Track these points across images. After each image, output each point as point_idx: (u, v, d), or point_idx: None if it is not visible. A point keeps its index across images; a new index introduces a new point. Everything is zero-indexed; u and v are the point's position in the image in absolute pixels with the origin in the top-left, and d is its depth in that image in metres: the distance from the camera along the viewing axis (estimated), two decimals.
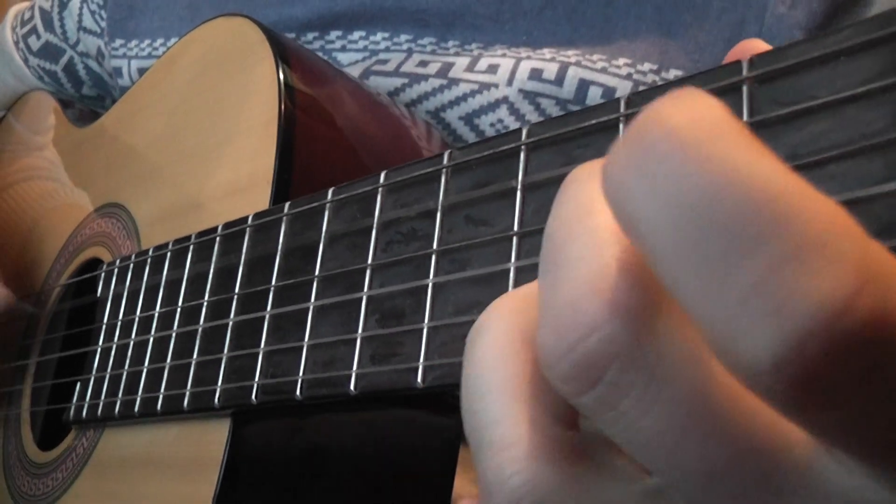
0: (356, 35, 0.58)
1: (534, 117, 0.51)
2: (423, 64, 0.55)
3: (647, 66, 0.50)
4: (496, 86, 0.52)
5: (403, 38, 0.57)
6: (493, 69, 0.52)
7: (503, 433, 0.19)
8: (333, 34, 0.59)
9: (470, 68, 0.53)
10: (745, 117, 0.23)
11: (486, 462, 0.19)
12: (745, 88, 0.23)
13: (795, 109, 0.22)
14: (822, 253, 0.14)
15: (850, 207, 0.20)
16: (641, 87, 0.49)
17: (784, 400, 0.15)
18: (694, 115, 0.15)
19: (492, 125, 0.52)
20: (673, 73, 0.50)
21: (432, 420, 0.45)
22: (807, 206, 0.14)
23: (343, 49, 0.59)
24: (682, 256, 0.15)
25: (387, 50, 0.57)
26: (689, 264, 0.15)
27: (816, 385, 0.15)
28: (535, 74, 0.51)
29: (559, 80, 0.50)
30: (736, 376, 0.16)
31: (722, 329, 0.15)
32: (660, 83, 0.25)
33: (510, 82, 0.52)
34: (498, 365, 0.20)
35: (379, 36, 0.58)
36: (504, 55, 0.53)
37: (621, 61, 0.51)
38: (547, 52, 0.52)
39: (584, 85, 0.50)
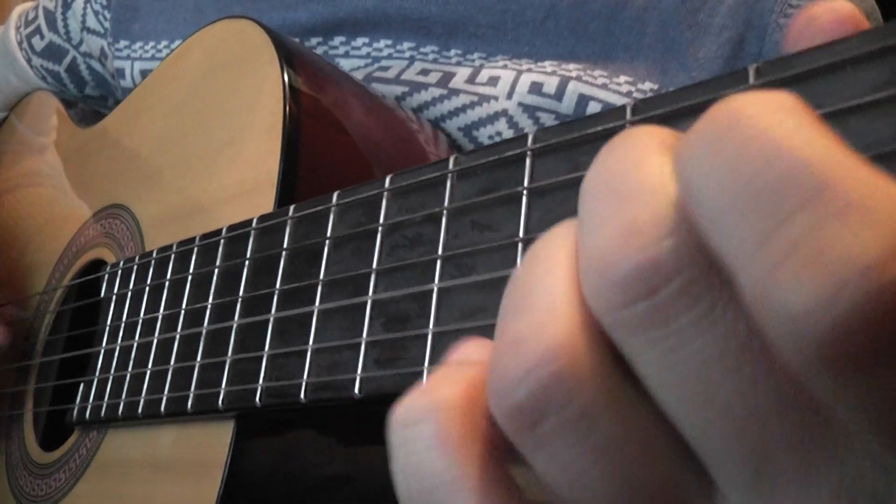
0: (359, 41, 0.59)
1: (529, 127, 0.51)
2: (425, 73, 0.55)
3: (647, 86, 0.51)
4: (496, 98, 0.52)
5: (406, 45, 0.57)
6: (493, 81, 0.53)
7: None
8: (337, 40, 0.59)
9: (471, 80, 0.53)
10: None
11: None
12: None
13: None
14: (864, 215, 0.15)
15: None
16: None
17: (813, 357, 0.16)
18: (759, 97, 0.17)
19: (490, 137, 0.52)
20: None
21: None
22: (855, 175, 0.15)
23: (346, 55, 0.59)
24: (737, 215, 0.16)
25: (389, 57, 0.57)
26: (743, 221, 0.16)
27: (846, 341, 0.15)
28: (536, 88, 0.51)
29: (559, 95, 0.51)
30: (771, 331, 0.16)
31: (765, 280, 0.16)
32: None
33: (510, 95, 0.52)
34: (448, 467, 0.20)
35: (382, 43, 0.58)
36: (505, 66, 0.53)
37: (622, 79, 0.51)
38: (548, 66, 0.52)
39: (583, 100, 0.50)
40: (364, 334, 0.32)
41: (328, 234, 0.35)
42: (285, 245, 0.37)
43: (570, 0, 0.54)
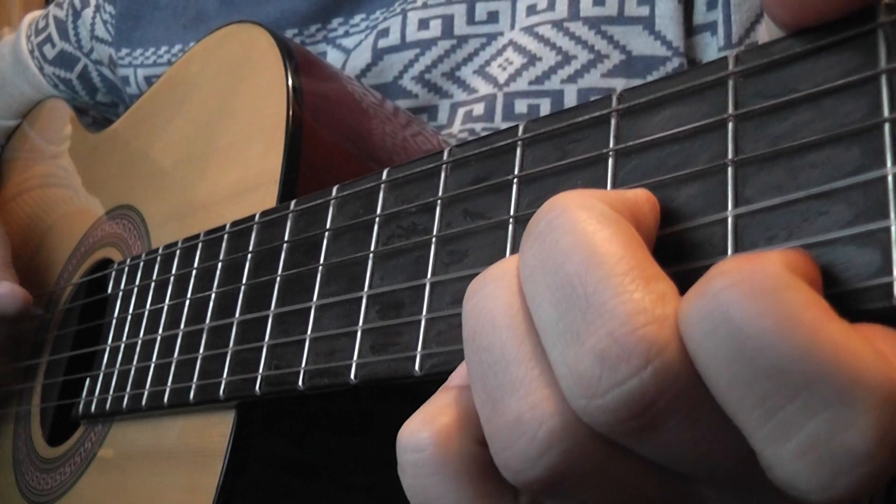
0: (357, 18, 0.60)
1: (534, 46, 0.53)
2: (424, 24, 0.56)
3: None
4: (501, 34, 0.55)
5: (396, 4, 0.58)
6: (493, 17, 0.55)
7: None
8: (335, 22, 0.60)
9: (471, 19, 0.55)
10: (730, 109, 0.24)
11: None
12: (730, 83, 0.24)
13: (778, 102, 0.23)
14: (853, 406, 0.17)
15: (830, 196, 0.21)
16: None
17: None
18: (751, 276, 0.18)
19: (499, 66, 0.54)
20: None
21: None
22: (844, 362, 0.17)
23: (346, 34, 0.60)
24: (739, 388, 0.18)
25: (384, 20, 0.58)
26: (747, 395, 0.18)
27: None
28: (531, 10, 0.54)
29: (552, 5, 0.53)
30: (780, 484, 0.19)
31: (771, 459, 0.18)
32: (650, 80, 0.26)
33: (513, 25, 0.54)
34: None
35: (378, 13, 0.59)
36: None
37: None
38: None
39: (574, 1, 0.52)
40: (360, 322, 0.33)
41: (327, 226, 0.36)
42: (286, 238, 0.38)
43: None
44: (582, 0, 0.52)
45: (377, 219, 0.34)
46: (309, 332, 0.35)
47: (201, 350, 0.42)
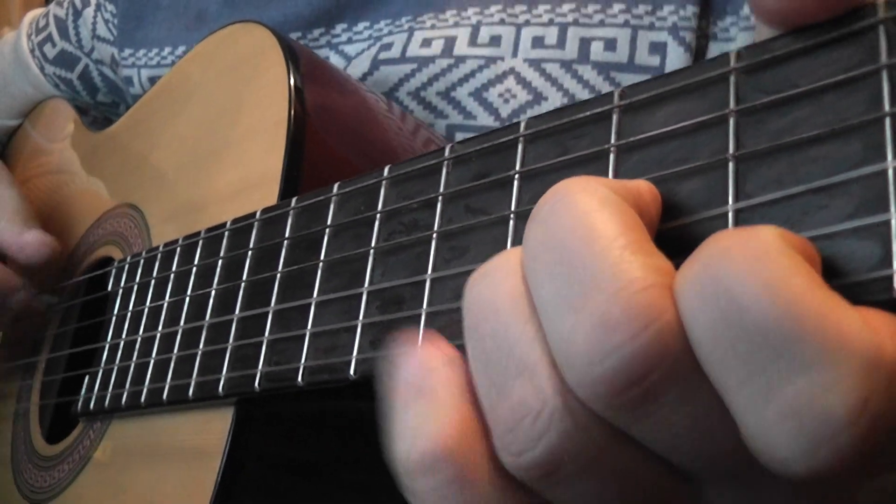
0: (360, 26, 0.60)
1: (540, 83, 0.52)
2: (427, 43, 0.56)
3: (641, 9, 0.51)
4: (502, 59, 0.53)
5: (404, 20, 0.58)
6: (496, 41, 0.54)
7: None
8: (339, 27, 0.60)
9: (473, 42, 0.54)
10: (731, 105, 0.24)
11: None
12: (732, 79, 0.24)
13: (779, 97, 0.23)
14: (834, 369, 0.17)
15: (830, 190, 0.21)
16: (640, 31, 0.51)
17: (786, 479, 0.18)
18: (746, 243, 0.19)
19: (500, 95, 0.53)
20: (667, 9, 0.51)
21: None
22: (827, 324, 0.17)
23: (349, 41, 0.60)
24: (726, 353, 0.18)
25: (389, 34, 0.58)
26: (733, 360, 0.18)
27: (815, 479, 0.18)
28: (538, 42, 0.53)
29: (561, 43, 0.52)
30: (762, 458, 0.19)
31: (753, 427, 0.18)
32: (651, 77, 0.26)
33: (515, 53, 0.53)
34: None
35: (382, 24, 0.59)
36: (503, 21, 0.54)
37: (616, 8, 0.52)
38: (543, 13, 0.53)
39: (585, 43, 0.51)
40: (361, 317, 0.33)
41: (328, 223, 0.36)
42: (287, 234, 0.38)
43: None
44: (593, 43, 0.51)
45: (378, 215, 0.34)
46: (309, 327, 0.35)
47: (201, 346, 0.42)
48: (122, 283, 0.52)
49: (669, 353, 0.19)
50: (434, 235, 0.31)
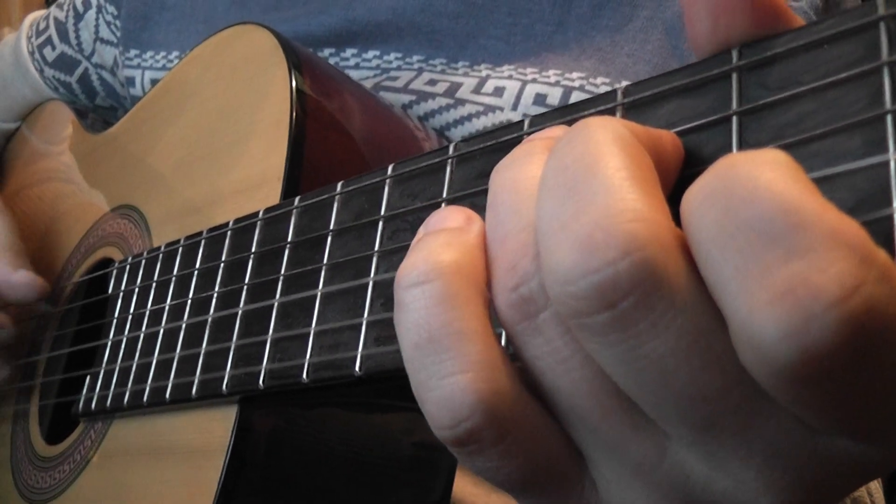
0: (370, 54, 0.60)
1: None
2: (432, 83, 0.56)
3: None
4: (501, 109, 0.54)
5: (416, 58, 0.59)
6: (499, 92, 0.54)
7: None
8: (349, 52, 0.61)
9: (477, 90, 0.55)
10: (734, 102, 0.24)
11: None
12: (734, 76, 0.24)
13: (782, 94, 0.23)
14: (829, 252, 0.17)
15: (833, 181, 0.21)
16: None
17: (778, 377, 0.18)
18: (754, 157, 0.19)
19: None
20: None
21: None
22: (824, 219, 0.18)
23: (356, 66, 0.60)
24: (723, 249, 0.19)
25: (398, 69, 0.59)
26: (728, 255, 0.19)
27: (809, 366, 0.18)
28: (540, 99, 0.53)
29: (563, 104, 0.52)
30: (746, 350, 0.19)
31: (745, 308, 0.18)
32: (656, 74, 0.27)
33: (515, 106, 0.54)
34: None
35: (392, 55, 0.59)
36: (511, 77, 0.54)
37: (625, 84, 0.52)
38: (552, 75, 0.54)
39: None
40: (365, 314, 0.33)
41: (332, 222, 0.36)
42: (290, 234, 0.39)
43: (578, 14, 0.55)
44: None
45: (382, 213, 0.34)
46: (313, 325, 0.35)
47: (204, 345, 0.42)
48: (124, 284, 0.52)
49: (646, 286, 0.19)
50: None
